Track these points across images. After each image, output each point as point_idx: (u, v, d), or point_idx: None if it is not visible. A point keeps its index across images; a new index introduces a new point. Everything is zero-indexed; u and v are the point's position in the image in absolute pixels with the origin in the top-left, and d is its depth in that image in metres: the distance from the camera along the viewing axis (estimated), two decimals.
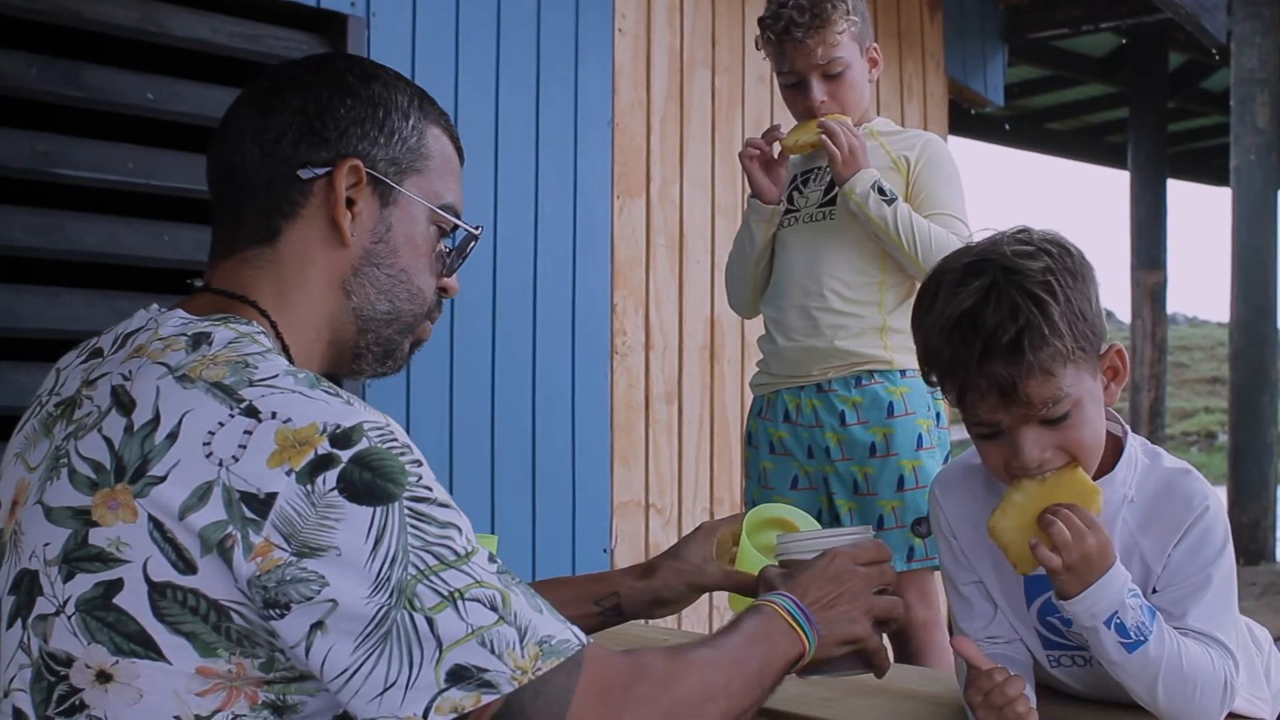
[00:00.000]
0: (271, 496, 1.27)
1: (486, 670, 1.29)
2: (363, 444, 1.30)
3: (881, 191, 2.79)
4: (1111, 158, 14.01)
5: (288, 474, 1.27)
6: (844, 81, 2.91)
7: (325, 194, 1.51)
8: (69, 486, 1.34)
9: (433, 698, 1.28)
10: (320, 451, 1.28)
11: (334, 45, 3.70)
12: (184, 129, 3.27)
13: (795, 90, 2.95)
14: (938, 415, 2.93)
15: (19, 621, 1.35)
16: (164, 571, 1.28)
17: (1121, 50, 11.11)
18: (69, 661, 1.31)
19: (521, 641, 1.31)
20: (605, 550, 4.32)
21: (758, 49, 3.02)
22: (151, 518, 1.28)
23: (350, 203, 1.52)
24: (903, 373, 2.90)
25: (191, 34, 3.44)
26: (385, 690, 1.28)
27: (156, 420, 1.32)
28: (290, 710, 1.34)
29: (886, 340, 2.90)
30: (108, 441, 1.33)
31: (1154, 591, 1.70)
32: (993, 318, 1.63)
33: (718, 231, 4.67)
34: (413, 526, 1.29)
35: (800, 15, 2.85)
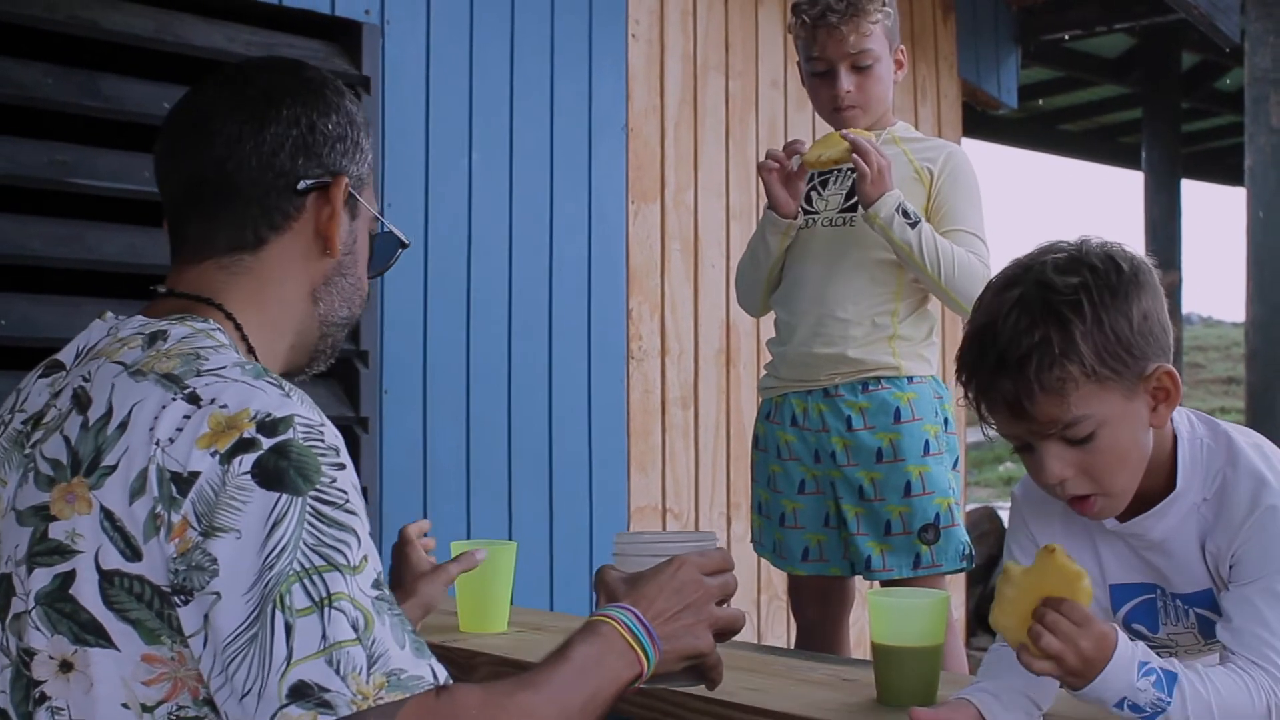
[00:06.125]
0: (194, 475, 1.31)
1: (328, 690, 1.28)
2: (287, 435, 1.34)
3: (906, 214, 2.77)
4: (1125, 158, 13.97)
5: (212, 455, 1.32)
6: (871, 75, 2.91)
7: (316, 207, 1.58)
8: (33, 488, 1.39)
9: (274, 713, 1.28)
10: (245, 436, 1.33)
11: (349, 53, 3.72)
12: None
13: (822, 79, 2.94)
14: (945, 421, 2.92)
15: (0, 625, 1.40)
16: (113, 560, 1.32)
17: (1134, 51, 11.09)
18: (35, 655, 1.36)
19: (369, 667, 1.29)
20: None
21: (790, 33, 3.02)
22: (103, 508, 1.33)
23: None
24: (910, 379, 2.89)
25: (208, 43, 3.45)
26: (245, 695, 1.29)
27: (109, 414, 1.37)
28: None
29: (895, 348, 2.89)
30: (66, 440, 1.39)
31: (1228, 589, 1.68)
32: (1009, 332, 1.61)
33: (732, 236, 4.67)
34: (310, 524, 1.31)
35: (837, 2, 2.86)
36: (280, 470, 1.32)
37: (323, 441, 1.36)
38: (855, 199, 2.87)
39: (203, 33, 3.45)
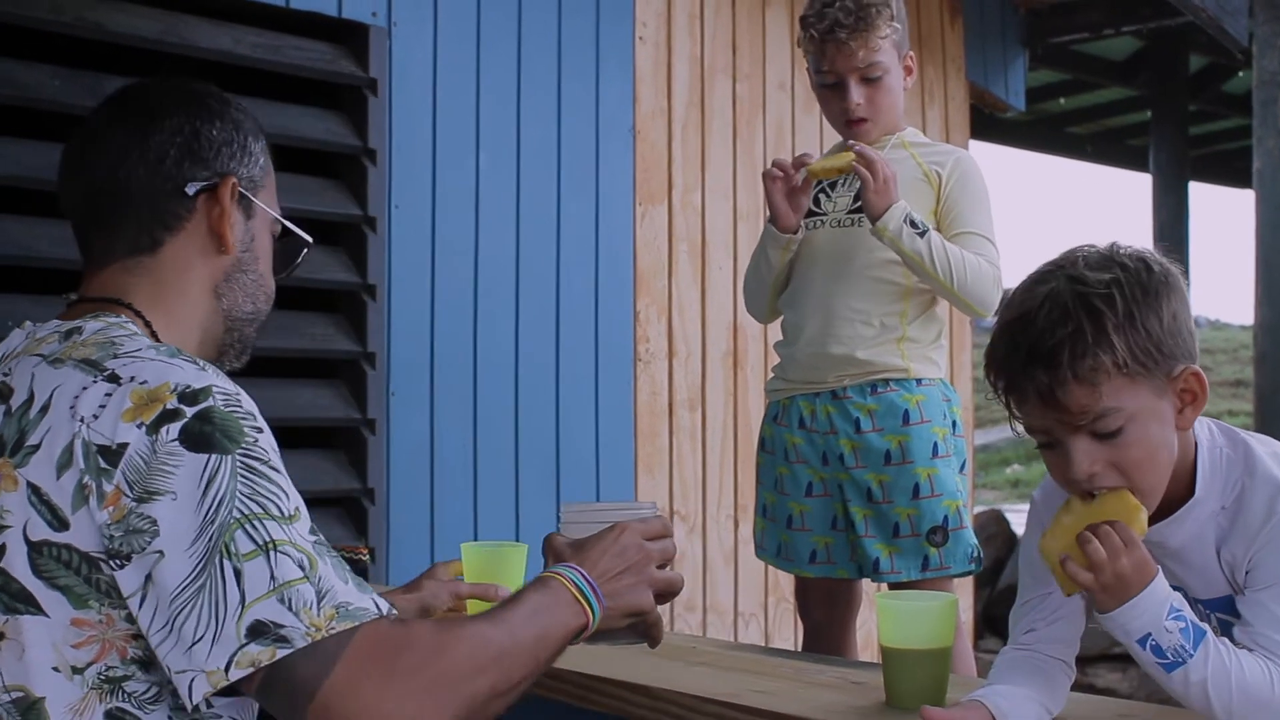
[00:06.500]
0: (123, 446, 1.41)
1: (283, 626, 1.38)
2: (208, 403, 1.44)
3: (914, 224, 2.76)
4: (1133, 161, 13.95)
5: (139, 427, 1.41)
6: (881, 87, 2.90)
7: (207, 208, 1.67)
8: None
9: (233, 653, 1.37)
10: (168, 407, 1.43)
11: (356, 55, 3.72)
12: None
13: (832, 91, 2.93)
14: (954, 424, 2.91)
15: None
16: (41, 531, 1.42)
17: (1142, 53, 11.07)
18: None
19: (319, 602, 1.40)
20: None
21: (798, 45, 3.01)
22: (30, 484, 1.43)
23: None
24: (919, 381, 2.88)
25: (214, 45, 3.45)
26: (195, 644, 1.38)
27: (31, 399, 1.48)
28: (157, 667, 1.43)
29: (904, 349, 2.88)
30: None
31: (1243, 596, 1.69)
32: (1043, 322, 1.63)
33: (740, 238, 4.66)
34: (243, 476, 1.42)
35: (846, 16, 2.84)
36: (206, 434, 1.42)
37: (240, 407, 1.47)
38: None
39: (209, 34, 3.46)
